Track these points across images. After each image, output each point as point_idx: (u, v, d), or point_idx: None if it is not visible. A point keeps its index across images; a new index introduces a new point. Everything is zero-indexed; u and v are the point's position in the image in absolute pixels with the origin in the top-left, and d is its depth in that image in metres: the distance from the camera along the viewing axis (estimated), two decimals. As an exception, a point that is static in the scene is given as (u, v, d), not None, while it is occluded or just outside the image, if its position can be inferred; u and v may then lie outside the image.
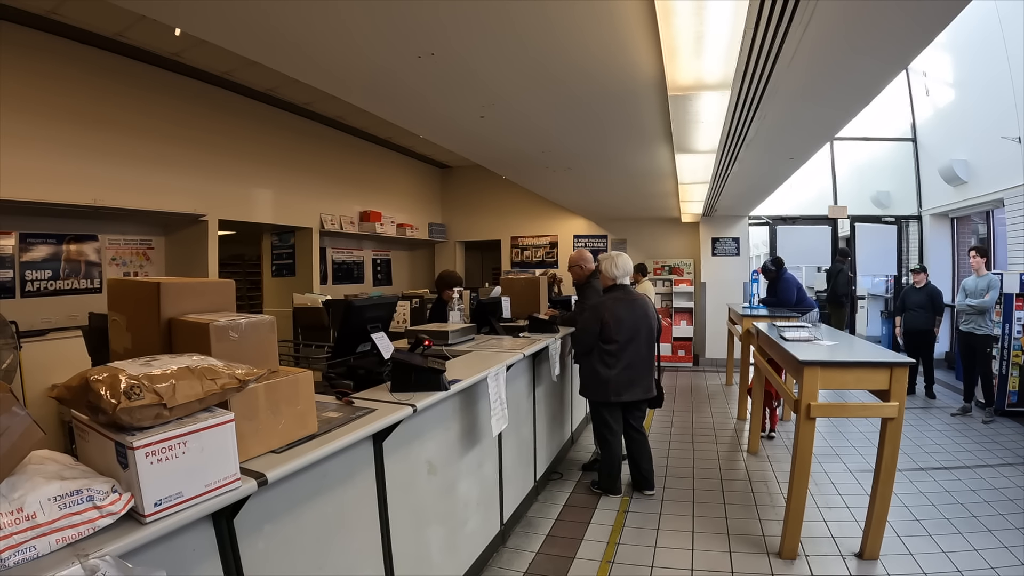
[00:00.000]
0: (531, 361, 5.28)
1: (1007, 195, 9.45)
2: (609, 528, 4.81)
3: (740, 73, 3.88)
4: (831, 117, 5.40)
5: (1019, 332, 7.92)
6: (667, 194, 10.09)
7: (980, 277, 8.03)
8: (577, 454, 6.68)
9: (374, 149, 12.34)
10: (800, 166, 7.82)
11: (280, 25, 3.53)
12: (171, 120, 7.73)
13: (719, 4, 3.14)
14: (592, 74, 4.40)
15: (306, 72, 4.45)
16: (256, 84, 8.58)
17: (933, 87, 12.23)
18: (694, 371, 12.49)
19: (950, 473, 5.94)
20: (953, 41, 10.97)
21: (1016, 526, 4.72)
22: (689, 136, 5.76)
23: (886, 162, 13.63)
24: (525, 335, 5.76)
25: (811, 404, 4.05)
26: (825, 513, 5.00)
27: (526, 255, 14.63)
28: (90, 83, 6.80)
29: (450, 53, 4.01)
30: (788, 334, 5.22)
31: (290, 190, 9.84)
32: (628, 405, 5.43)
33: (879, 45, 3.72)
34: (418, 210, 14.04)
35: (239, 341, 2.11)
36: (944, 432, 7.43)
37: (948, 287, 11.56)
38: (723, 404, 9.20)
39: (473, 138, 6.64)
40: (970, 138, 10.72)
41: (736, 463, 6.38)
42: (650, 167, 7.87)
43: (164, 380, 1.63)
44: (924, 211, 12.61)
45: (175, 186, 7.68)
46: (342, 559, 2.56)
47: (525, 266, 14.37)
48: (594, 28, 3.62)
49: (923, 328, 9.22)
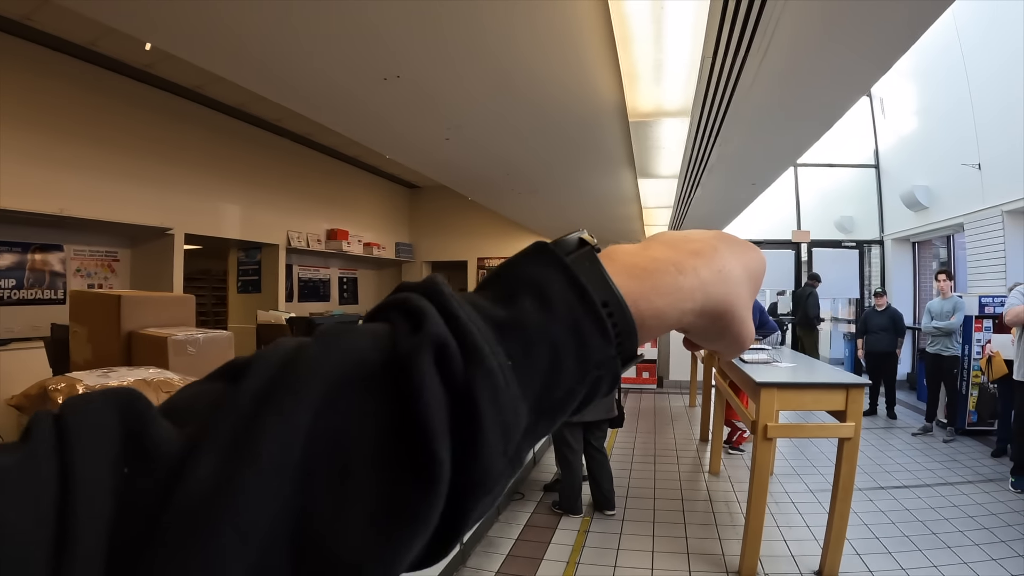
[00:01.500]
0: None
1: (967, 220, 9.69)
2: (570, 548, 4.81)
3: (700, 100, 3.96)
4: (792, 143, 5.51)
5: (978, 353, 8.08)
6: (632, 217, 10.20)
7: (946, 299, 8.17)
8: (539, 474, 6.67)
9: (342, 167, 12.34)
10: (762, 191, 7.95)
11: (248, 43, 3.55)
12: (140, 133, 7.68)
13: (677, 33, 3.21)
14: (556, 99, 4.46)
15: (273, 90, 4.47)
16: (226, 99, 8.56)
17: (895, 114, 12.50)
18: (658, 393, 12.53)
19: (911, 491, 6.03)
20: (915, 69, 11.27)
21: (976, 542, 4.80)
22: (651, 161, 5.83)
23: (849, 188, 13.93)
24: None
25: (768, 425, 4.11)
26: (785, 532, 5.04)
27: (492, 276, 14.59)
28: (60, 92, 6.74)
29: (416, 75, 4.04)
30: (747, 356, 5.29)
31: (258, 206, 9.80)
32: (589, 425, 5.45)
33: (837, 72, 3.82)
34: (385, 229, 14.04)
35: (197, 355, 2.12)
36: (905, 451, 7.54)
37: (909, 310, 11.82)
38: (686, 425, 9.23)
39: (439, 159, 6.68)
40: (931, 164, 10.98)
41: (697, 483, 6.41)
42: (614, 191, 7.95)
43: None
44: (886, 236, 12.87)
45: (142, 198, 7.61)
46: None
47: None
48: (557, 53, 3.68)
49: (885, 350, 9.36)
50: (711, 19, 2.92)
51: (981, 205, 9.27)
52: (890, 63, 3.74)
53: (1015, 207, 8.56)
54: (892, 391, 9.60)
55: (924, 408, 8.82)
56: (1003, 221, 8.78)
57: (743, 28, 2.95)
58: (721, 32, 3.02)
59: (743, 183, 7.19)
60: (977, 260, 9.53)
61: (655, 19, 3.09)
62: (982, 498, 5.82)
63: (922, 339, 9.26)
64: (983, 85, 9.20)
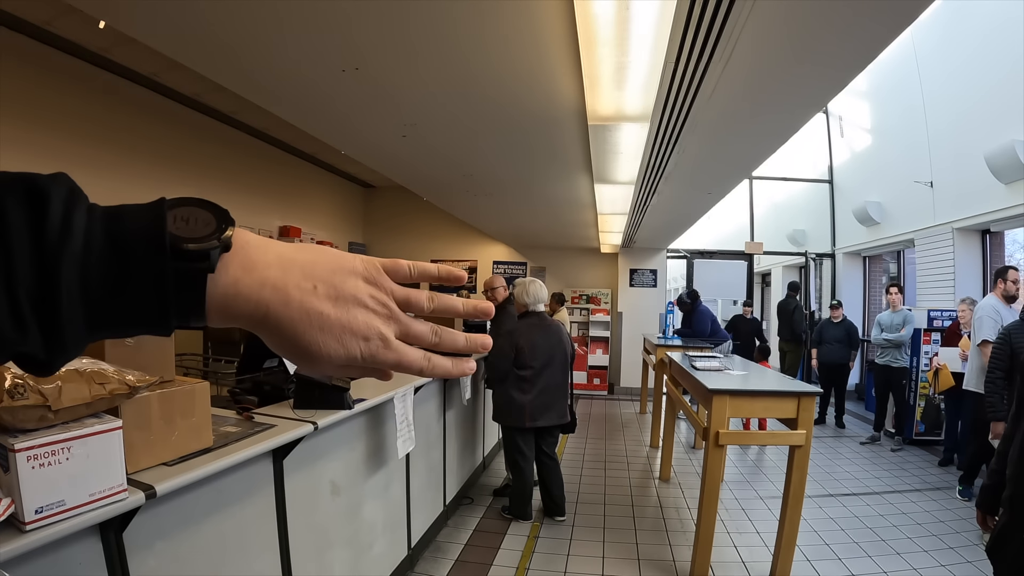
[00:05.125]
0: (442, 384, 5.22)
1: (918, 236, 9.93)
2: (519, 553, 4.77)
3: (660, 105, 3.95)
4: (749, 153, 5.54)
5: (926, 365, 8.25)
6: (587, 224, 10.22)
7: (896, 312, 8.36)
8: (488, 479, 6.63)
9: (297, 163, 12.13)
10: (718, 201, 8.01)
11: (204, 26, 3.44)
12: (89, 117, 7.38)
13: (641, 37, 3.19)
14: (517, 99, 4.42)
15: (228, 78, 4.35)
16: (182, 88, 8.34)
17: (850, 132, 12.75)
18: (609, 399, 12.61)
19: (859, 499, 6.13)
20: (871, 87, 11.55)
21: (924, 549, 4.90)
22: (609, 166, 5.83)
23: (803, 202, 14.22)
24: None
25: (720, 431, 4.12)
26: (735, 539, 5.08)
27: (445, 279, 14.52)
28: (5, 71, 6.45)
29: (376, 69, 3.97)
30: (699, 363, 5.32)
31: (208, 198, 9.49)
32: (541, 431, 5.43)
33: (797, 85, 3.84)
34: (339, 228, 13.82)
35: (134, 348, 2.03)
36: (854, 460, 7.68)
37: (859, 321, 12.08)
38: (636, 432, 9.28)
39: (395, 158, 6.58)
40: (884, 181, 11.23)
41: (648, 490, 6.42)
42: (570, 196, 7.95)
43: (50, 382, 1.55)
44: (838, 249, 13.12)
45: (89, 186, 7.05)
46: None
47: (445, 290, 14.26)
48: (521, 54, 3.64)
49: (839, 361, 9.57)
50: (676, 23, 2.91)
51: (932, 222, 9.50)
52: (849, 78, 3.78)
53: (965, 224, 8.79)
54: (842, 401, 9.83)
55: (872, 418, 9.02)
56: (953, 238, 8.99)
57: (707, 33, 2.94)
58: (685, 36, 3.01)
59: (699, 192, 7.24)
60: (927, 275, 9.76)
61: (620, 21, 3.07)
62: (930, 506, 5.94)
63: (871, 351, 9.41)
64: (937, 104, 9.42)
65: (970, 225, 8.76)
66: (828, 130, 13.49)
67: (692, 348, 7.87)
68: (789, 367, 11.68)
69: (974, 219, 8.59)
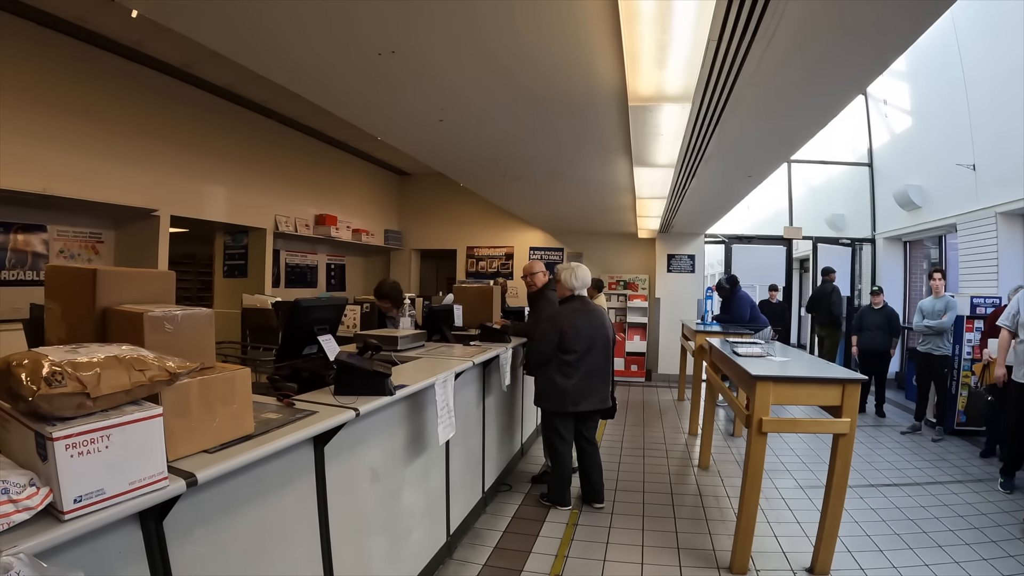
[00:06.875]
0: (481, 370, 5.20)
1: (960, 220, 9.67)
2: (558, 541, 4.74)
3: (702, 85, 3.86)
4: (789, 135, 5.43)
5: (968, 353, 8.05)
6: (624, 208, 10.11)
7: (938, 298, 8.15)
8: (527, 466, 6.61)
9: (332, 152, 12.19)
10: (757, 185, 7.87)
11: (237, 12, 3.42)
12: (127, 110, 7.51)
13: (684, 13, 3.11)
14: (553, 79, 4.35)
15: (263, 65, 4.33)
16: (215, 78, 8.42)
17: (890, 113, 12.47)
18: (646, 386, 12.53)
19: (900, 490, 6.01)
20: (911, 68, 11.26)
21: (966, 542, 4.78)
22: (648, 149, 5.74)
23: (842, 185, 13.92)
24: (476, 344, 5.66)
25: (763, 419, 4.05)
26: (776, 528, 5.00)
27: (481, 265, 14.59)
28: (46, 67, 6.56)
29: (411, 52, 3.93)
30: (741, 349, 5.23)
31: (245, 189, 9.65)
32: (581, 416, 5.39)
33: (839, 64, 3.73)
34: (374, 216, 13.89)
35: (174, 333, 2.01)
36: (894, 450, 7.54)
37: (900, 308, 11.82)
38: (675, 419, 9.20)
39: (432, 142, 6.55)
40: (925, 164, 10.95)
41: (687, 478, 6.36)
42: (608, 180, 7.86)
43: (89, 368, 1.53)
44: (878, 234, 12.85)
45: (128, 178, 7.45)
46: (279, 567, 2.46)
47: (480, 276, 14.30)
48: (557, 31, 3.57)
49: (879, 349, 9.37)
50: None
51: (975, 206, 9.25)
52: (892, 58, 3.68)
53: (1009, 208, 8.53)
54: (882, 389, 9.62)
55: (912, 407, 8.84)
56: (996, 222, 8.74)
57: (751, 10, 2.86)
58: (728, 13, 2.93)
59: (739, 175, 7.11)
60: (970, 261, 9.50)
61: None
62: (972, 498, 5.81)
63: (912, 338, 9.22)
64: (979, 85, 9.17)
65: (1014, 209, 8.50)
66: (868, 113, 13.20)
67: (732, 334, 7.76)
68: (827, 352, 11.52)
69: (1018, 203, 8.33)
